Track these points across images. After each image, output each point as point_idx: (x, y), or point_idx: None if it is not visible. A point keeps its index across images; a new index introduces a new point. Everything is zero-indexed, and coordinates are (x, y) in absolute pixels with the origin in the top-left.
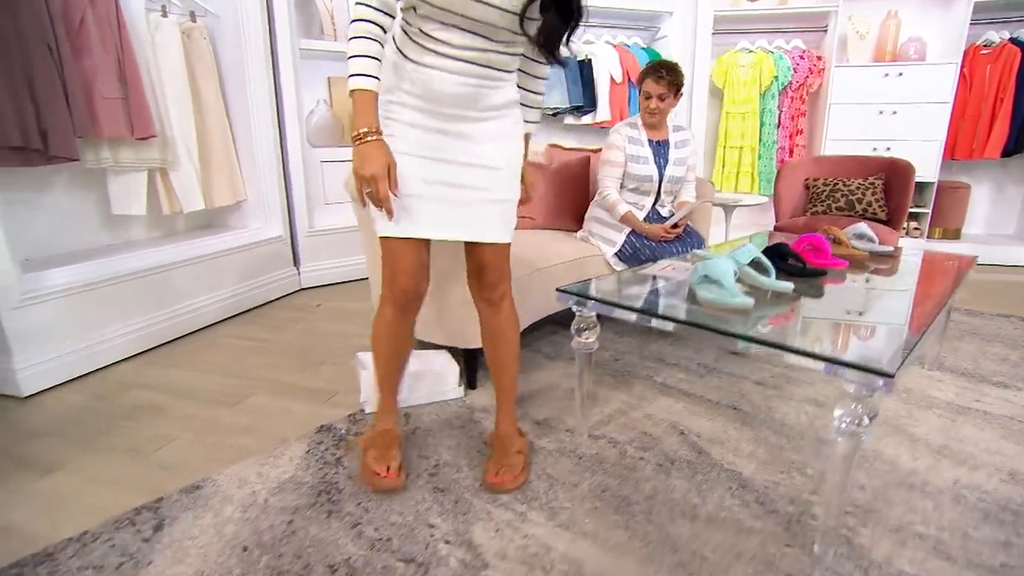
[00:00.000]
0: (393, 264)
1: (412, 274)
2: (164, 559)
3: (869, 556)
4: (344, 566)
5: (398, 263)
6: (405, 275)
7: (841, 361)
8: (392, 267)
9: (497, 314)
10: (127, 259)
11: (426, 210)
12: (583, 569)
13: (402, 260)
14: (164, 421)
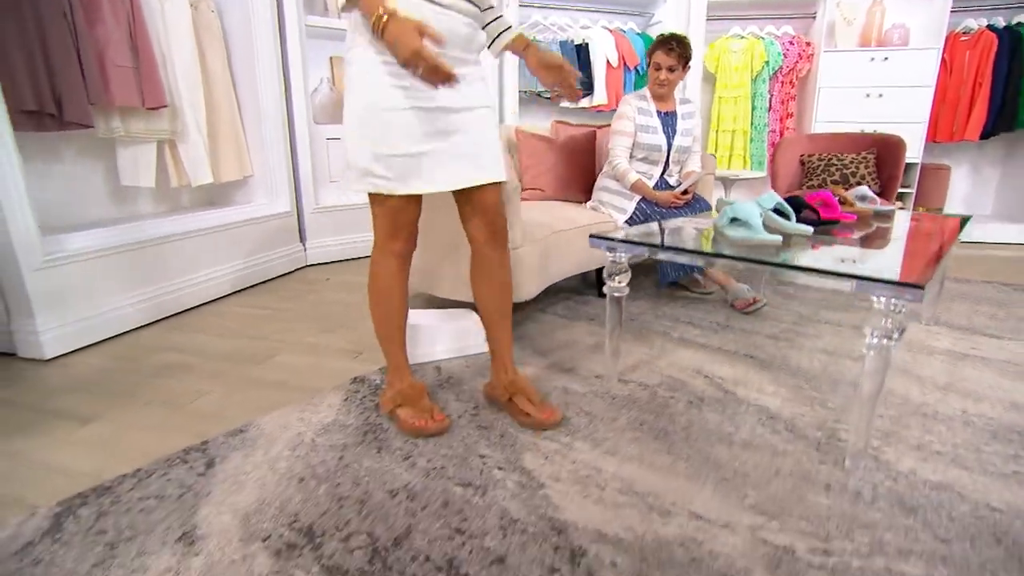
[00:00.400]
0: (396, 220)
1: (413, 226)
2: (223, 490)
3: (895, 468)
4: (404, 491)
5: (400, 215)
6: (407, 227)
7: (877, 279)
8: (395, 223)
9: (502, 255)
10: (143, 226)
11: (428, 165)
12: (634, 486)
13: (404, 216)
14: (193, 378)
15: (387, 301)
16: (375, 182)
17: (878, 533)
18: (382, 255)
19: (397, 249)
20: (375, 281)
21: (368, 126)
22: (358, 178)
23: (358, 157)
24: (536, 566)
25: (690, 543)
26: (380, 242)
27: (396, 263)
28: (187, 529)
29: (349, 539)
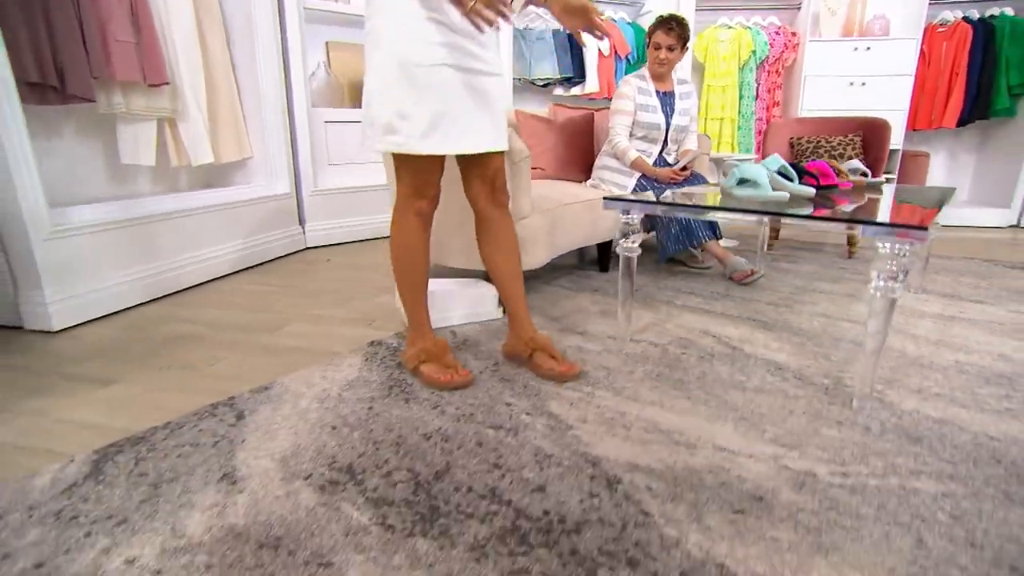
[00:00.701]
0: (420, 178)
1: (437, 186)
2: (256, 438)
3: (899, 408)
4: (437, 434)
5: (425, 174)
6: (433, 186)
7: (886, 223)
8: (419, 181)
9: (506, 218)
10: (147, 202)
11: (455, 125)
12: (659, 425)
13: (429, 174)
14: (207, 346)
15: (409, 258)
16: (398, 140)
17: (890, 459)
18: (404, 213)
19: (420, 207)
20: (397, 238)
21: (398, 81)
22: (381, 135)
23: (382, 113)
24: (576, 492)
25: (718, 470)
26: (403, 199)
27: (418, 221)
28: (227, 471)
29: (390, 475)
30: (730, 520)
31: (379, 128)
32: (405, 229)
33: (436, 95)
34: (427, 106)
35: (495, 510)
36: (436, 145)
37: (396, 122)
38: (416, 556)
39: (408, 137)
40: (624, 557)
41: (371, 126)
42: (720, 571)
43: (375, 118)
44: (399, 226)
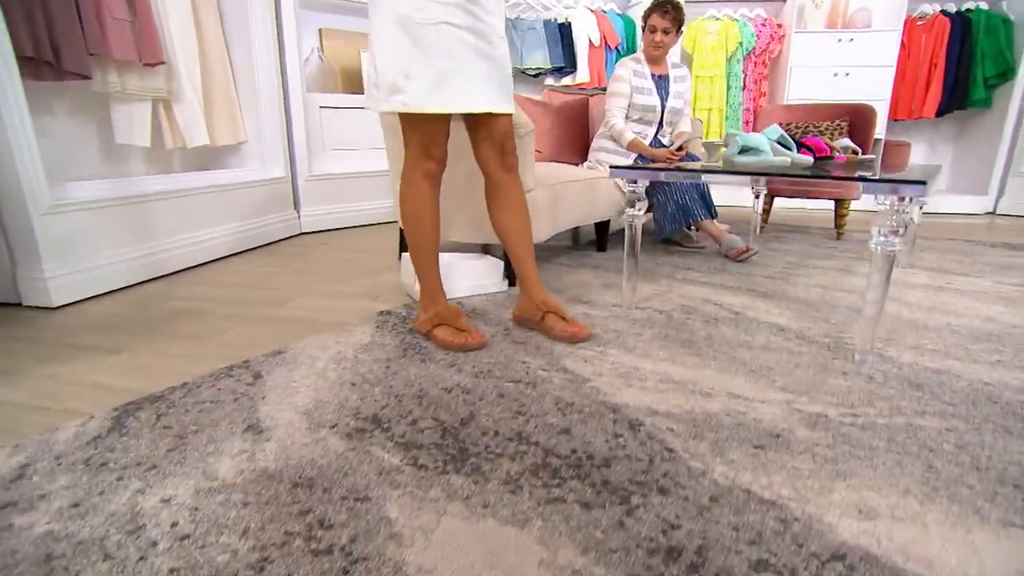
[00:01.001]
0: (430, 137)
1: (444, 144)
2: (277, 395)
3: (899, 361)
4: (457, 388)
5: (433, 135)
6: (440, 147)
7: (887, 179)
8: (428, 140)
9: (516, 181)
10: (145, 181)
11: (458, 83)
12: (673, 377)
13: (436, 135)
14: (212, 319)
15: (420, 222)
16: (403, 100)
17: (895, 402)
18: (412, 175)
19: (428, 168)
20: (407, 201)
21: (401, 41)
22: (387, 96)
23: (387, 73)
24: (600, 433)
25: (734, 413)
26: (411, 162)
27: (427, 184)
28: (251, 423)
29: (416, 423)
30: (751, 454)
31: (385, 88)
32: (414, 192)
33: (439, 53)
34: (431, 65)
35: (524, 450)
36: (441, 103)
37: (401, 82)
38: (452, 489)
39: (413, 96)
40: (655, 486)
41: (377, 87)
42: (747, 495)
43: (381, 79)
44: (408, 189)
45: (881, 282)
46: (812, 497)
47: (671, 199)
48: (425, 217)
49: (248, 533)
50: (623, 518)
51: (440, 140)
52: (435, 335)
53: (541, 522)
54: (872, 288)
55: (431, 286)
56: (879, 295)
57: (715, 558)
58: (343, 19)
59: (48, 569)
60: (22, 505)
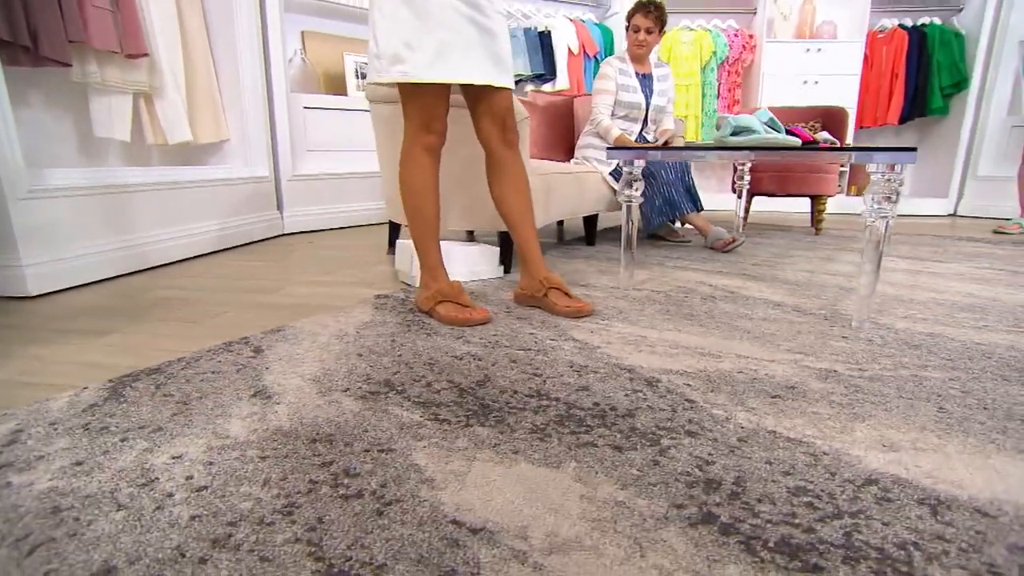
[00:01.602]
0: (428, 109)
1: (444, 120)
2: (282, 365)
3: (893, 327)
4: (468, 356)
5: (433, 108)
6: (440, 120)
7: (881, 148)
8: (427, 112)
9: (518, 157)
10: (126, 172)
11: (458, 54)
12: (681, 343)
13: (436, 108)
14: (203, 305)
15: (421, 196)
16: (404, 69)
17: (897, 358)
18: (413, 150)
19: (428, 142)
20: (408, 176)
21: (402, 12)
22: (388, 66)
23: (389, 43)
24: (619, 390)
25: (746, 371)
26: (411, 136)
27: (428, 158)
28: (258, 389)
29: (431, 385)
30: (769, 402)
31: (386, 59)
32: (415, 167)
33: (439, 24)
34: (432, 36)
35: (545, 404)
36: (441, 73)
37: (403, 52)
38: (478, 439)
39: (415, 67)
40: (682, 431)
41: (378, 58)
42: (773, 435)
43: (382, 50)
44: (409, 164)
45: (875, 250)
46: (835, 435)
47: (658, 192)
48: (426, 191)
49: (270, 483)
50: (656, 458)
51: (440, 113)
52: (438, 311)
53: (575, 464)
54: (867, 259)
55: (432, 262)
56: (873, 264)
57: (754, 487)
58: (326, 22)
59: (57, 520)
60: (19, 465)
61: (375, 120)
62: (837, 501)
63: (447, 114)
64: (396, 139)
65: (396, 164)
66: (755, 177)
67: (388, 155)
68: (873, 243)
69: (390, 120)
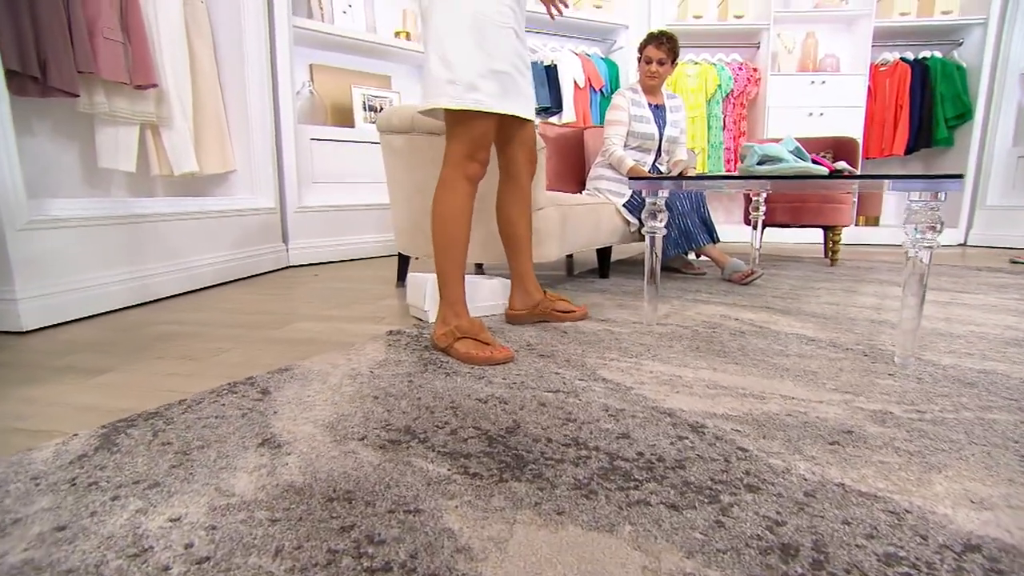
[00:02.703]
0: (479, 139)
1: (489, 149)
2: (291, 410)
3: (940, 363)
4: (493, 399)
5: (483, 138)
6: (487, 151)
7: (928, 175)
8: (477, 142)
9: (531, 185)
10: (130, 203)
11: (514, 88)
12: (719, 383)
13: (487, 136)
14: (207, 341)
15: (454, 226)
16: (481, 99)
17: (954, 399)
18: (455, 177)
19: (472, 172)
20: (443, 205)
21: (473, 40)
22: (463, 92)
23: (466, 71)
24: (662, 436)
25: (795, 413)
26: (454, 164)
27: (468, 188)
28: (266, 437)
29: (456, 433)
30: (829, 450)
31: (463, 86)
32: (454, 195)
33: (503, 57)
34: (502, 67)
35: (585, 455)
36: (508, 106)
37: (478, 81)
38: (516, 498)
39: (488, 96)
40: (741, 484)
41: (452, 83)
42: (842, 489)
43: (459, 76)
44: (447, 192)
45: (919, 283)
46: (913, 489)
47: (673, 224)
48: (460, 224)
49: (282, 553)
50: (719, 518)
51: (488, 144)
52: (456, 349)
53: (630, 526)
54: (910, 292)
55: (454, 296)
56: (917, 298)
57: (837, 554)
58: (333, 55)
59: None
60: None
61: (386, 151)
62: (940, 574)
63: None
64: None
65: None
66: (769, 208)
67: (399, 186)
68: (917, 275)
69: (403, 151)
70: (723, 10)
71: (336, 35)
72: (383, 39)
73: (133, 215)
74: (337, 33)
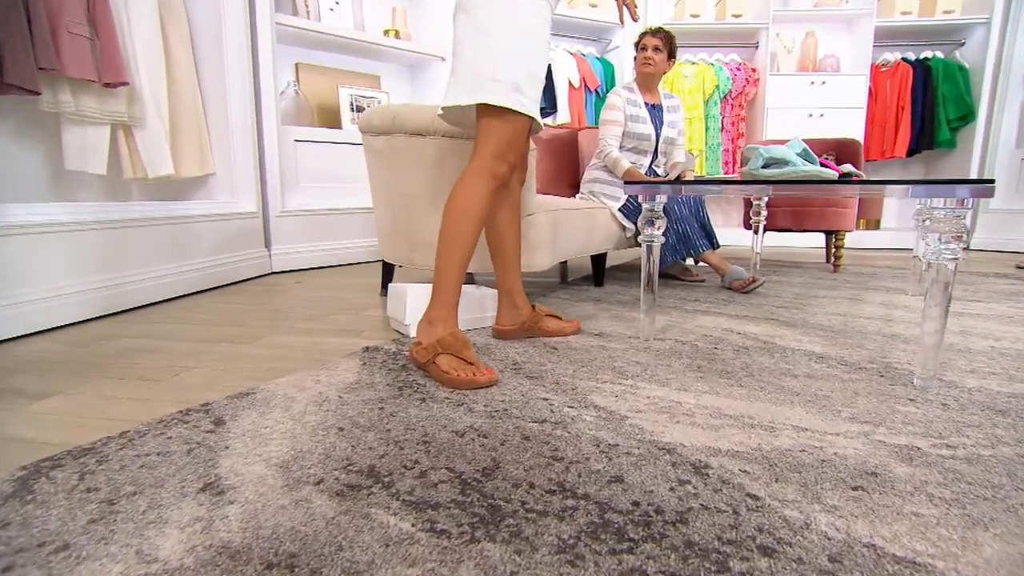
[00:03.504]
0: (512, 139)
1: (518, 153)
2: (244, 444)
3: (964, 386)
4: (471, 431)
5: (517, 139)
6: (518, 154)
7: (955, 180)
8: (509, 142)
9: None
10: (95, 208)
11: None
12: (723, 411)
13: (520, 137)
14: (170, 357)
15: (466, 220)
16: (523, 101)
17: (987, 430)
18: (481, 176)
19: (501, 171)
20: (462, 196)
21: (518, 43)
22: (508, 92)
23: (513, 72)
24: (661, 480)
25: (810, 449)
26: (484, 163)
27: (492, 185)
28: (209, 480)
29: (426, 475)
30: (852, 497)
31: (506, 85)
32: (476, 186)
33: (542, 66)
34: (539, 75)
35: (572, 505)
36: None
37: (523, 83)
38: (489, 565)
39: (529, 100)
40: (754, 545)
41: (496, 81)
42: (874, 552)
43: (503, 75)
44: (470, 183)
45: (943, 295)
46: (959, 552)
47: (671, 229)
48: (476, 216)
49: None
50: None
51: (518, 148)
52: (437, 366)
53: None
54: (933, 305)
55: (448, 301)
56: (941, 310)
57: None
58: (320, 54)
59: None
60: None
61: (368, 153)
62: None
63: None
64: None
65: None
66: (770, 212)
67: (381, 190)
68: (941, 287)
69: (384, 153)
70: (721, 9)
71: (322, 33)
72: (372, 37)
73: (103, 220)
74: (323, 31)
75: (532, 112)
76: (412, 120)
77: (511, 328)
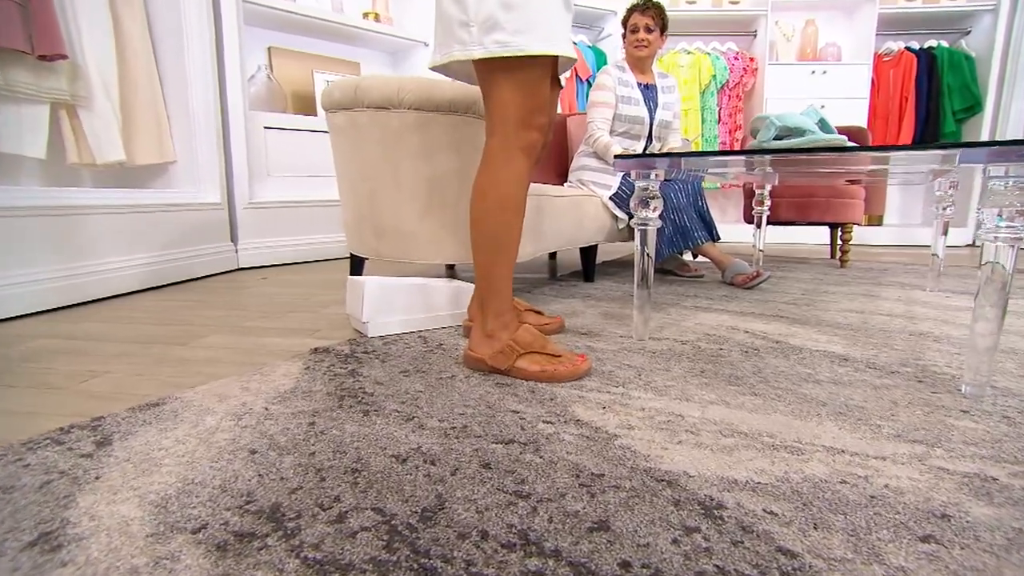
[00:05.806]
0: (534, 97)
1: (548, 108)
2: (121, 473)
3: (1019, 392)
4: (417, 455)
5: (540, 95)
6: (545, 111)
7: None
8: (533, 101)
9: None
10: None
11: (562, 25)
12: (737, 427)
13: (543, 90)
14: (86, 361)
15: (512, 210)
16: (507, 40)
17: None
18: (507, 149)
19: (531, 141)
20: (494, 185)
21: None
22: (480, 35)
23: (482, 4)
24: (660, 528)
25: (855, 480)
26: (504, 137)
27: (525, 163)
28: (49, 528)
29: (345, 519)
30: (924, 554)
31: (479, 27)
32: (507, 170)
33: None
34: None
35: (537, 568)
36: (553, 44)
37: (500, 14)
38: None
39: (521, 29)
40: None
41: (466, 26)
42: None
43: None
44: (498, 167)
45: (1000, 288)
46: None
47: (667, 219)
48: (519, 205)
49: None
50: None
51: (543, 103)
52: (523, 369)
53: None
54: (986, 300)
55: (504, 304)
56: (998, 308)
57: None
58: (295, 38)
59: None
60: None
61: (332, 133)
62: None
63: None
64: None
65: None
66: (772, 203)
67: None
68: (997, 280)
69: (345, 130)
70: None
71: (296, 14)
72: (350, 20)
73: (44, 207)
74: (297, 12)
75: (531, 47)
76: (376, 91)
77: None
